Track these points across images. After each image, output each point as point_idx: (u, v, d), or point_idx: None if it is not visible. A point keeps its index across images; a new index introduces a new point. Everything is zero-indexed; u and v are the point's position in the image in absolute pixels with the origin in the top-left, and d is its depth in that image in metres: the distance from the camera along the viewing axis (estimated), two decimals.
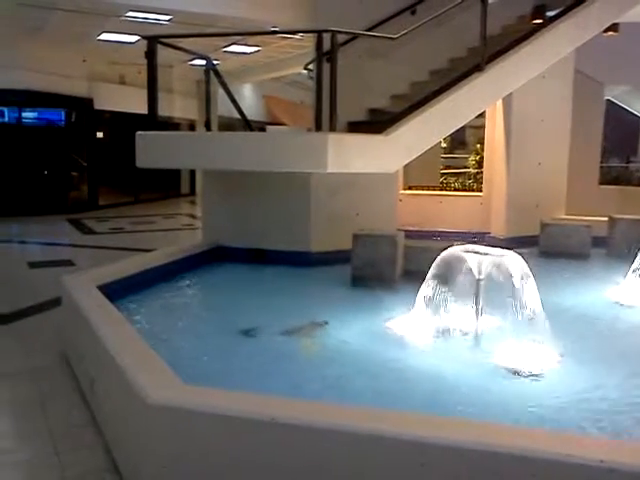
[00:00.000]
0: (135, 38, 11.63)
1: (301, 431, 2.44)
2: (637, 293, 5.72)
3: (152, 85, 5.82)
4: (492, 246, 4.66)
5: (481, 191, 10.01)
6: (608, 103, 14.67)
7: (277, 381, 3.69)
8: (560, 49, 7.12)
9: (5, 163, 13.40)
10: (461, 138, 22.54)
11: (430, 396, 3.52)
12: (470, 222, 9.41)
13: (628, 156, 20.38)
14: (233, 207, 7.32)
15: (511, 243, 7.21)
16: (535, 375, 3.86)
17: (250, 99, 18.80)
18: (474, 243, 4.73)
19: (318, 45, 5.28)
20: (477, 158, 14.05)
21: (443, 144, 15.78)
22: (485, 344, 4.36)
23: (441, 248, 4.67)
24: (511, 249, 4.48)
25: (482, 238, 8.54)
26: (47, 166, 14.03)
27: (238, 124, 8.01)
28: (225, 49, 13.17)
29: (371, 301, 5.47)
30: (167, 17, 10.07)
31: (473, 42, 6.59)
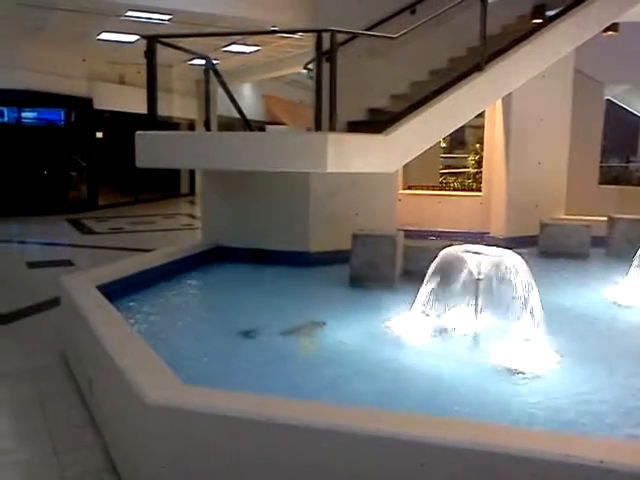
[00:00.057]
0: (135, 38, 11.62)
1: (300, 431, 2.43)
2: (636, 293, 5.73)
3: (152, 85, 5.81)
4: (491, 246, 4.67)
5: (480, 191, 10.01)
6: (608, 103, 14.69)
7: (276, 381, 3.69)
8: (560, 49, 7.12)
9: (5, 163, 13.40)
10: (461, 138, 22.55)
11: (428, 396, 3.52)
12: (469, 222, 9.40)
13: (628, 156, 20.39)
14: (233, 207, 7.32)
15: (510, 243, 7.22)
16: (533, 375, 3.85)
17: (250, 99, 18.79)
18: (473, 243, 4.73)
19: (318, 45, 5.27)
20: (476, 158, 14.04)
21: (443, 144, 15.77)
22: (484, 344, 4.37)
23: (440, 248, 4.67)
24: (510, 249, 4.50)
25: (481, 238, 8.54)
26: (47, 166, 14.03)
27: (238, 124, 8.00)
28: (225, 49, 13.16)
29: (370, 301, 5.48)
30: (167, 17, 10.07)
31: (473, 42, 6.59)
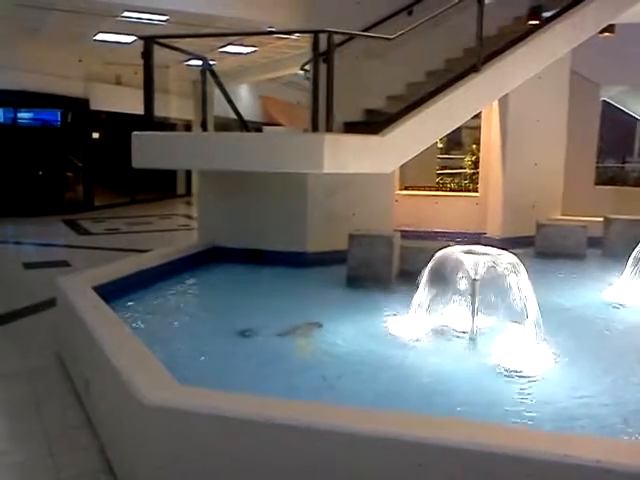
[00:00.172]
0: (131, 38, 11.60)
1: (298, 432, 2.43)
2: (632, 293, 5.74)
3: (148, 85, 5.80)
4: (488, 246, 4.68)
5: (477, 192, 10.02)
6: (604, 104, 14.73)
7: (274, 382, 3.68)
8: (556, 50, 7.13)
9: (0, 164, 13.35)
10: (457, 139, 22.57)
11: (426, 396, 3.52)
12: (466, 222, 9.41)
13: (624, 156, 20.48)
14: (229, 207, 7.31)
15: (507, 244, 7.22)
16: (530, 375, 3.85)
17: (246, 99, 18.79)
18: (470, 244, 4.74)
19: (315, 46, 5.27)
20: (473, 159, 14.03)
21: (439, 145, 15.76)
22: (481, 344, 4.37)
23: (437, 248, 4.68)
24: (507, 249, 4.50)
25: (478, 239, 8.54)
26: (43, 167, 13.99)
27: (234, 124, 8.00)
28: (221, 49, 13.15)
29: (367, 301, 5.48)
30: (163, 17, 10.06)
31: (469, 43, 6.59)
